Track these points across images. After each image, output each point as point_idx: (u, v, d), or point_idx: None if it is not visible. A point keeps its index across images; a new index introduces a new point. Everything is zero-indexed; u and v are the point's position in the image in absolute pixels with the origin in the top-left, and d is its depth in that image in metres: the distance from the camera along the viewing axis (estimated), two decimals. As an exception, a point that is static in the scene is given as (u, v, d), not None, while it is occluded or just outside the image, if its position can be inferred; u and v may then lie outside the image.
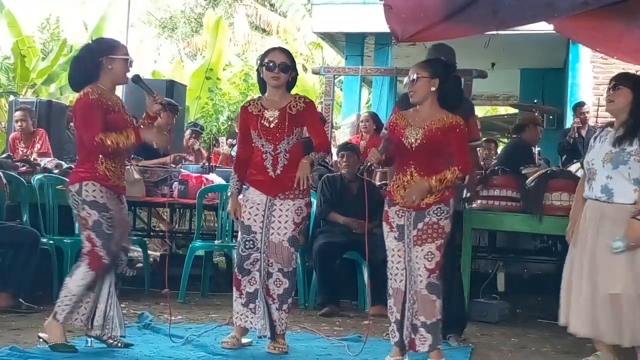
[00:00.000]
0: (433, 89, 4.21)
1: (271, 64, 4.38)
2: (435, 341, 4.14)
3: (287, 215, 4.39)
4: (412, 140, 4.17)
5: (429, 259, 4.09)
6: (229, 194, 4.68)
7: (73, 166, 6.50)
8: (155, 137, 4.31)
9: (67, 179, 4.33)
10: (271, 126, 4.39)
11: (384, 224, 4.26)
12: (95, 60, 4.15)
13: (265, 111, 4.42)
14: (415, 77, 4.21)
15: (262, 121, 4.40)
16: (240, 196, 4.60)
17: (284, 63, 4.39)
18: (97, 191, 4.09)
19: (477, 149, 5.47)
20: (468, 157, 4.23)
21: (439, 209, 4.14)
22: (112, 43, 4.27)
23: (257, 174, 4.44)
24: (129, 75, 4.29)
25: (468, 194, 5.59)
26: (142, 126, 4.31)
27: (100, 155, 4.10)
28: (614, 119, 4.41)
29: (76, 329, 4.44)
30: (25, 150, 7.91)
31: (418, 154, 4.16)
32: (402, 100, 5.25)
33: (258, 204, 4.42)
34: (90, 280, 4.11)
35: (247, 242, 4.42)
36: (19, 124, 8.02)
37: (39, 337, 4.16)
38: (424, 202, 4.12)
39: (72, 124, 9.25)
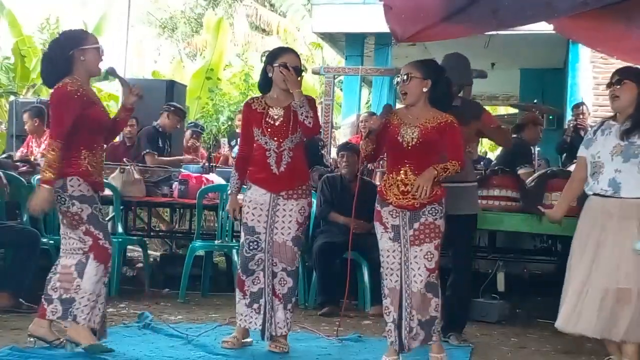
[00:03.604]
0: (425, 89, 4.19)
1: (288, 67, 4.36)
2: (426, 337, 4.14)
3: (290, 216, 4.40)
4: (409, 139, 4.14)
5: (429, 259, 4.10)
6: (228, 192, 4.68)
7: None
8: (35, 201, 4.00)
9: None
10: (276, 124, 4.40)
11: (376, 224, 4.24)
12: (66, 53, 4.05)
13: (270, 109, 4.44)
14: (406, 77, 4.18)
15: (267, 119, 4.41)
16: (241, 196, 4.60)
17: (298, 67, 4.41)
18: (82, 185, 4.03)
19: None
20: (463, 155, 4.23)
21: (433, 209, 4.13)
22: (80, 34, 4.20)
23: (259, 171, 4.44)
24: (102, 66, 4.18)
25: None
26: (118, 119, 4.27)
27: (83, 150, 4.04)
28: (611, 114, 4.39)
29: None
30: (37, 149, 7.99)
31: (413, 153, 4.14)
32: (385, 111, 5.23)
33: (261, 204, 4.41)
34: (102, 275, 4.03)
35: (251, 244, 4.42)
36: (28, 124, 8.13)
37: (67, 341, 4.04)
38: (417, 202, 4.11)
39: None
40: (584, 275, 4.13)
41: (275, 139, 4.39)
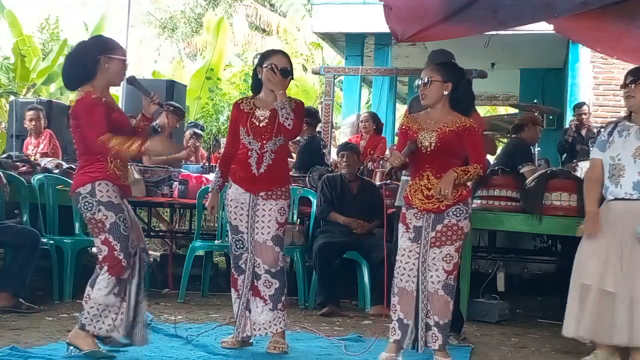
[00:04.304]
0: (445, 92, 4.18)
1: (274, 68, 4.36)
2: (445, 341, 4.15)
3: (270, 215, 4.40)
4: (427, 144, 4.13)
5: (447, 261, 4.09)
6: (209, 189, 4.70)
7: (74, 167, 6.57)
8: (163, 146, 4.13)
9: (72, 183, 4.11)
10: (261, 125, 4.41)
11: (400, 224, 4.24)
12: (94, 57, 4.01)
13: (257, 110, 4.45)
14: (427, 80, 4.18)
15: (252, 119, 4.42)
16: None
17: (285, 68, 4.40)
18: (110, 191, 3.97)
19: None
20: (484, 157, 4.23)
21: (458, 210, 4.11)
22: (111, 42, 4.16)
23: (239, 170, 4.46)
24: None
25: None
26: (138, 129, 4.23)
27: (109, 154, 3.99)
28: (615, 118, 4.38)
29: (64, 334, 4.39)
30: (34, 150, 7.99)
31: (433, 158, 4.13)
32: (412, 105, 5.25)
33: (242, 203, 4.43)
34: (113, 287, 3.97)
35: (237, 242, 4.46)
36: (33, 122, 8.14)
37: (69, 345, 4.00)
38: (443, 204, 4.09)
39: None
40: (613, 284, 4.06)
41: (258, 140, 4.40)
